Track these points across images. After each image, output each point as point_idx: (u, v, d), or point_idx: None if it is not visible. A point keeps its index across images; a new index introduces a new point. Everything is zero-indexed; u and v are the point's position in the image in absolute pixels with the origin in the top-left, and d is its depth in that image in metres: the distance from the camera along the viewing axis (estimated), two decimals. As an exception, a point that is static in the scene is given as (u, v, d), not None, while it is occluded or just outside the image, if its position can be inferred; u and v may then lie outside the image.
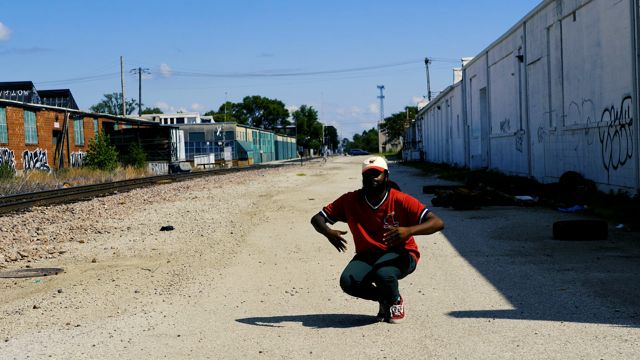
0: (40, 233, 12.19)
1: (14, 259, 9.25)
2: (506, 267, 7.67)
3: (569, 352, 4.56)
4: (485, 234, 10.46)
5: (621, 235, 9.86)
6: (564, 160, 19.06)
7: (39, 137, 41.46)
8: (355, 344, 4.92)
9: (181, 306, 6.25)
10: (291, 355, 4.72)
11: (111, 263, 8.85)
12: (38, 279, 7.87)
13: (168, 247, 10.20)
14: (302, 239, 10.61)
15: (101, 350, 4.96)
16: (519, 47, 24.69)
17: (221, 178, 36.26)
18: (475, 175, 25.93)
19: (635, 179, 13.98)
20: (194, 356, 4.76)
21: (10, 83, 54.37)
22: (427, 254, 8.75)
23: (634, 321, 5.25)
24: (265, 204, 17.48)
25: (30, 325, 5.73)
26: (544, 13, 20.96)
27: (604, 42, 15.75)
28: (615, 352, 4.52)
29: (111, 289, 7.11)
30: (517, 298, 6.16)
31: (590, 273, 7.17)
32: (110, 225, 13.19)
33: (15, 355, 4.88)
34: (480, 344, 4.81)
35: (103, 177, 36.28)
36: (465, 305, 5.95)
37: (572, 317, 5.45)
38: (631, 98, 14.01)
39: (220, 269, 8.15)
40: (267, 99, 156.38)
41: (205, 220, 13.86)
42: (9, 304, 6.56)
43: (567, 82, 18.88)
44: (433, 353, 4.65)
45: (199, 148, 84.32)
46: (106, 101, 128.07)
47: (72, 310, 6.22)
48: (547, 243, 9.38)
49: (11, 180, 28.20)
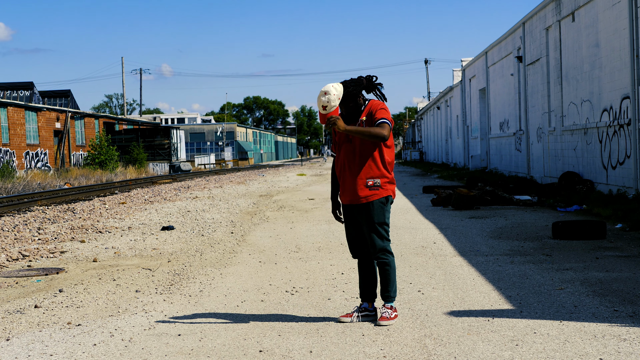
0: (42, 233, 12.21)
1: (16, 259, 9.27)
2: (505, 267, 7.69)
3: (567, 352, 4.57)
4: (484, 234, 10.48)
5: (620, 235, 9.89)
6: (563, 160, 19.09)
7: (40, 137, 41.50)
8: (355, 343, 4.94)
9: (182, 305, 6.28)
10: (291, 354, 4.74)
11: (112, 263, 8.88)
12: (39, 278, 7.89)
13: (169, 246, 10.22)
14: (302, 238, 10.63)
15: (102, 349, 4.98)
16: (518, 47, 24.71)
17: (222, 178, 36.28)
18: (475, 175, 25.96)
19: (634, 179, 14.01)
20: (194, 355, 4.78)
21: (11, 83, 54.43)
22: (427, 254, 8.77)
23: (632, 320, 5.28)
24: (266, 204, 17.51)
25: (32, 325, 5.75)
26: (543, 14, 20.99)
27: (602, 43, 15.78)
28: (614, 352, 4.54)
29: (112, 289, 7.13)
30: (516, 297, 6.18)
31: (589, 273, 7.19)
32: (111, 225, 13.21)
33: (16, 355, 4.90)
34: (480, 343, 4.83)
35: (104, 177, 36.30)
36: (464, 305, 5.97)
37: (571, 316, 5.47)
38: (630, 98, 14.04)
39: (220, 268, 8.17)
40: (268, 99, 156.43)
41: (206, 220, 13.89)
42: (10, 303, 6.58)
43: (566, 82, 18.91)
44: (432, 352, 4.67)
45: (200, 148, 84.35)
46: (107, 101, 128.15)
47: (73, 310, 6.25)
48: (546, 243, 9.40)
49: (12, 180, 28.22)
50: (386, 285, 5.45)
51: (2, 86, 53.91)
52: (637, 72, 13.72)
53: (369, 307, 5.56)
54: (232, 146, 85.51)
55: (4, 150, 37.09)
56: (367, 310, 5.55)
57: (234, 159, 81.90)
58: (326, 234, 11.01)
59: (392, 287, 5.44)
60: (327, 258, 8.70)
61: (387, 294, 5.46)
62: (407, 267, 7.83)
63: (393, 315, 5.43)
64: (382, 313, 5.45)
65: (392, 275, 5.44)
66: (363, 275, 5.60)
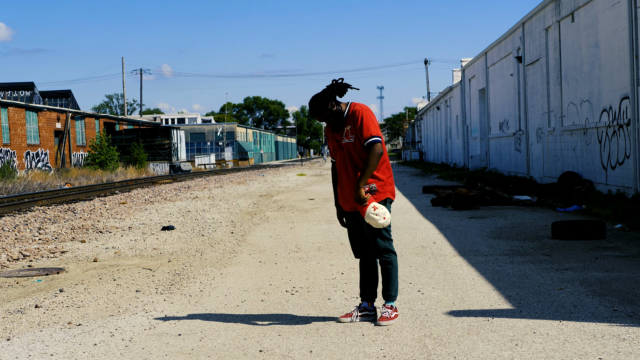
0: (42, 233, 12.23)
1: (16, 259, 9.29)
2: (505, 267, 7.71)
3: (567, 351, 4.59)
4: (484, 234, 10.50)
5: (619, 235, 9.90)
6: (563, 160, 19.11)
7: (40, 137, 41.55)
8: (355, 343, 4.95)
9: (182, 305, 6.29)
10: (291, 354, 4.75)
11: (112, 262, 8.89)
12: (40, 278, 7.90)
13: (169, 246, 10.24)
14: (302, 238, 10.65)
15: (102, 349, 4.99)
16: (517, 48, 24.73)
17: (222, 178, 36.31)
18: (474, 175, 25.98)
19: (633, 179, 14.03)
20: (194, 355, 4.79)
21: (12, 84, 54.51)
22: (427, 254, 8.79)
23: (632, 320, 5.29)
24: (266, 204, 17.52)
25: (32, 325, 5.77)
26: (543, 14, 21.00)
27: (602, 43, 15.80)
28: (613, 351, 4.55)
29: (112, 289, 7.15)
30: (516, 297, 6.19)
31: (589, 272, 7.20)
32: (111, 225, 13.23)
33: (17, 354, 4.92)
34: (479, 343, 4.85)
35: (104, 177, 36.32)
36: (464, 305, 5.99)
37: (571, 316, 5.48)
38: (629, 98, 14.06)
39: (220, 268, 8.19)
40: (268, 100, 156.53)
41: (206, 220, 13.90)
42: (11, 303, 6.59)
43: (566, 82, 18.92)
44: (432, 352, 4.68)
45: (200, 148, 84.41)
46: (107, 102, 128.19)
47: (74, 310, 6.26)
48: (546, 243, 9.42)
49: (13, 180, 28.25)
50: (388, 284, 5.47)
51: (3, 86, 53.99)
52: (637, 72, 13.74)
53: (369, 306, 5.57)
54: (232, 146, 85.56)
55: (4, 151, 37.14)
56: (366, 310, 5.56)
57: (234, 159, 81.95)
58: (326, 234, 11.03)
59: (393, 286, 5.47)
60: (327, 258, 8.72)
61: (388, 292, 5.48)
62: (407, 267, 7.84)
63: (393, 315, 5.44)
64: (382, 313, 5.47)
65: (394, 275, 5.47)
66: (364, 274, 5.62)
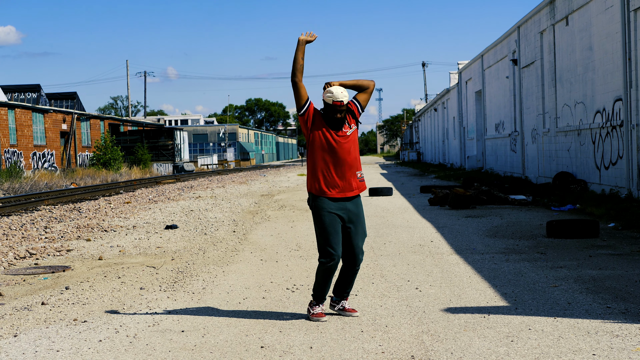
0: (48, 231, 12.32)
1: (23, 257, 9.38)
2: (501, 265, 7.80)
3: (561, 347, 4.66)
4: (480, 233, 10.60)
5: (612, 234, 10.00)
6: (557, 160, 19.25)
7: (47, 138, 41.68)
8: (354, 339, 5.03)
9: (185, 302, 6.37)
10: (292, 350, 4.82)
11: (117, 261, 8.98)
12: (46, 276, 8.00)
13: (172, 245, 10.33)
14: (303, 237, 10.74)
15: (107, 345, 5.06)
16: (513, 51, 24.87)
17: (224, 178, 36.34)
18: (471, 175, 26.11)
19: (626, 178, 14.18)
20: (197, 351, 4.86)
21: (19, 86, 54.68)
22: (424, 252, 8.89)
23: (625, 317, 5.36)
24: (267, 203, 17.61)
25: (39, 321, 5.83)
26: (538, 18, 21.14)
27: (595, 46, 15.94)
28: (606, 347, 4.62)
29: (117, 286, 7.23)
30: (512, 295, 6.28)
31: (583, 270, 7.29)
32: (116, 224, 13.32)
33: (24, 350, 4.98)
34: (476, 339, 4.92)
35: (109, 177, 36.34)
36: (461, 302, 6.07)
37: (565, 313, 5.55)
38: (622, 100, 14.20)
39: (223, 266, 8.28)
40: (269, 102, 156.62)
41: (209, 219, 14.00)
42: (18, 300, 6.67)
43: (560, 85, 19.06)
44: (430, 348, 4.75)
45: (203, 149, 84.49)
46: (112, 103, 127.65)
47: (79, 307, 6.34)
48: (541, 241, 9.51)
49: (20, 180, 28.29)
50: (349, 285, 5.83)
51: (10, 88, 54.10)
52: (629, 74, 13.88)
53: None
54: (234, 147, 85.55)
55: (11, 151, 37.24)
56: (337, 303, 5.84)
57: (236, 159, 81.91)
58: (324, 234, 11.10)
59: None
60: (326, 257, 8.80)
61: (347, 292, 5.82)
62: (405, 265, 7.94)
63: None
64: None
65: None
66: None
